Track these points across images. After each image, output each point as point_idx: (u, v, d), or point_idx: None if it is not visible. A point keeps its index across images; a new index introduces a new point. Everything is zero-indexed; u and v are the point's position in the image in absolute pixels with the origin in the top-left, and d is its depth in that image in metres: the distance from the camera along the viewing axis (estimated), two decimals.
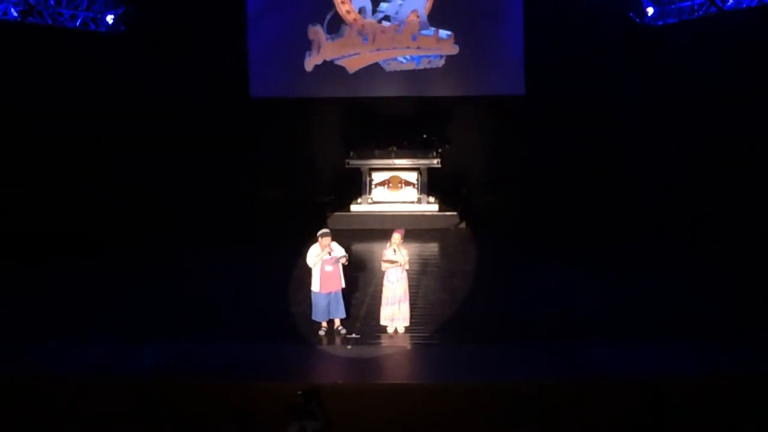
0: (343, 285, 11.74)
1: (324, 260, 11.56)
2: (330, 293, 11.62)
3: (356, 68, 20.21)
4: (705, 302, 12.76)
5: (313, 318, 11.76)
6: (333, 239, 11.78)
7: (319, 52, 20.20)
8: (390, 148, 19.24)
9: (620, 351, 11.00)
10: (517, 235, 17.74)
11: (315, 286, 11.66)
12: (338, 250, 11.70)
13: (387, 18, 20.03)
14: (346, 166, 19.27)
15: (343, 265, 11.77)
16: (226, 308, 12.99)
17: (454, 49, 19.98)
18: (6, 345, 11.44)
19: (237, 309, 12.95)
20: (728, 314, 12.20)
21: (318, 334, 11.70)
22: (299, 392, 9.46)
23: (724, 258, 14.93)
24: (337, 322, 11.83)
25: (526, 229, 18.09)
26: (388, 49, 20.12)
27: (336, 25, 20.10)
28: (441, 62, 20.13)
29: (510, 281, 14.38)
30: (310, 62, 20.27)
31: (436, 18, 20.00)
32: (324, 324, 11.78)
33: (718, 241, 15.76)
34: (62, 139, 17.41)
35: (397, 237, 11.69)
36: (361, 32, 20.05)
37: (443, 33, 19.96)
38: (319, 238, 11.64)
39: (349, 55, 20.20)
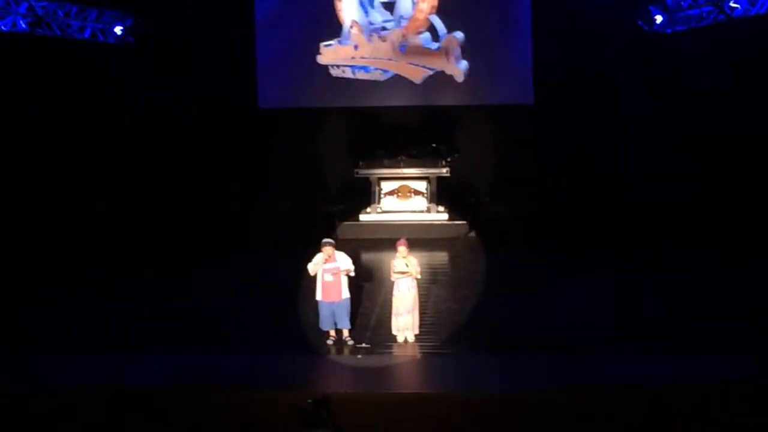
0: (345, 296, 11.63)
1: (324, 269, 11.54)
2: (333, 303, 11.57)
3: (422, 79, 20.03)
4: (713, 312, 12.66)
5: (320, 327, 11.76)
6: (342, 251, 11.75)
7: None
8: (399, 158, 19.21)
9: (631, 361, 10.92)
10: (526, 244, 17.67)
11: (318, 295, 11.66)
12: (343, 262, 11.63)
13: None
14: (355, 176, 19.25)
15: (348, 277, 11.72)
16: (234, 318, 12.96)
17: None
18: (11, 357, 11.44)
19: (246, 319, 12.91)
20: (735, 324, 12.08)
21: (327, 344, 11.68)
22: (309, 401, 9.48)
23: (730, 266, 14.85)
24: (345, 332, 11.78)
25: (536, 238, 18.02)
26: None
27: None
28: None
29: (519, 290, 14.30)
30: None
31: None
32: (332, 333, 11.76)
33: (726, 247, 15.69)
34: (68, 149, 17.45)
35: (403, 249, 11.66)
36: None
37: None
38: (322, 247, 11.64)
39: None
